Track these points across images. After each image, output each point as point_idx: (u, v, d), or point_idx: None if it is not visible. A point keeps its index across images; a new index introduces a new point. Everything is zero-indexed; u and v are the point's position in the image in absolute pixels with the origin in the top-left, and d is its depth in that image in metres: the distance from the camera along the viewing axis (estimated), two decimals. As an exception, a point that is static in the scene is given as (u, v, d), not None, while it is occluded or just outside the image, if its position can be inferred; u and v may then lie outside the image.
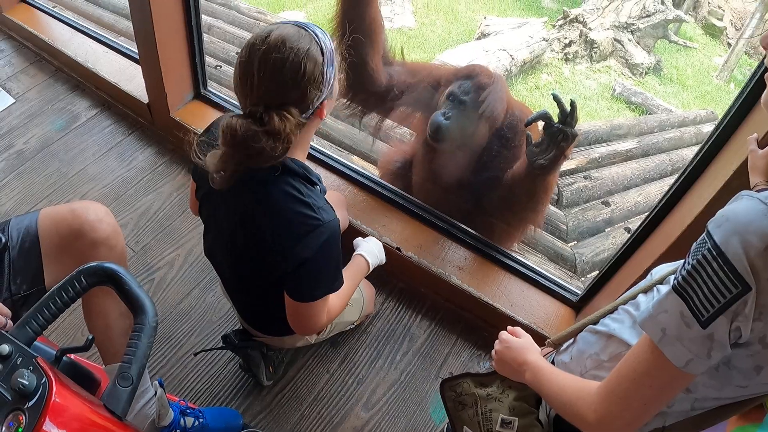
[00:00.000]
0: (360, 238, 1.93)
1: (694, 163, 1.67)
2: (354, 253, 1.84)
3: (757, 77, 1.42)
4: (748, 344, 0.88)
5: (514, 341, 1.30)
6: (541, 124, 1.91)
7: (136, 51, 3.01)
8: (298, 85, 1.32)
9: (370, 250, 1.86)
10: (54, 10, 3.61)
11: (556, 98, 1.86)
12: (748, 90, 1.47)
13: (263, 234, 1.44)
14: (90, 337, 1.08)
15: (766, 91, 0.97)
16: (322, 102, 1.39)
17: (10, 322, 1.48)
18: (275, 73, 1.30)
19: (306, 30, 1.35)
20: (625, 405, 0.97)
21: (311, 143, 1.88)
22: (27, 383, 0.94)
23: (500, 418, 1.30)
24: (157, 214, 2.58)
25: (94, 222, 1.64)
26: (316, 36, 1.35)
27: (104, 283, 1.08)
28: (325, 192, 1.55)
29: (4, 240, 1.58)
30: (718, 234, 0.84)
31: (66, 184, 2.72)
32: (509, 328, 1.36)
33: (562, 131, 1.86)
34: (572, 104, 1.84)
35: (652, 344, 0.92)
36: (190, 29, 2.57)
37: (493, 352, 1.34)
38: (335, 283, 1.53)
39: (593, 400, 1.01)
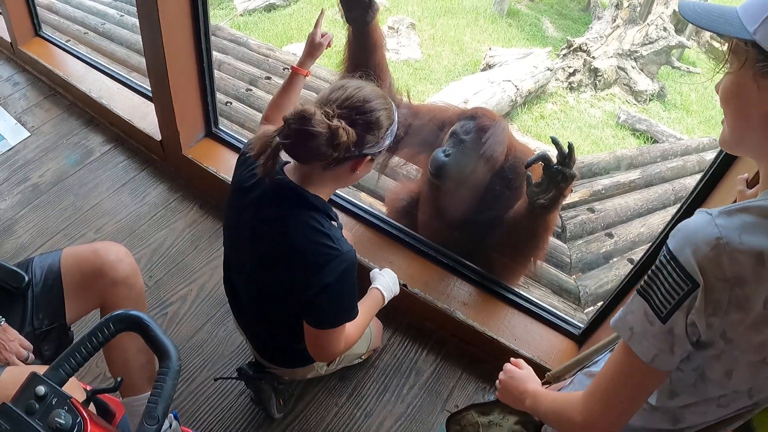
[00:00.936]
0: (377, 270, 1.99)
1: (696, 191, 1.73)
2: (370, 287, 1.91)
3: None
4: (711, 343, 0.98)
5: (517, 372, 1.42)
6: (541, 165, 1.97)
7: (150, 88, 3.11)
8: (367, 123, 1.47)
9: (386, 285, 1.93)
10: (68, 44, 3.72)
11: (554, 141, 1.94)
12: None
13: (285, 262, 1.54)
14: (119, 379, 1.16)
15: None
16: (363, 156, 1.51)
17: (32, 355, 1.56)
18: (361, 101, 1.47)
19: (388, 98, 1.55)
20: (606, 404, 1.08)
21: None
22: (63, 422, 1.01)
23: None
24: (170, 249, 2.65)
25: (115, 262, 1.75)
26: (394, 109, 1.56)
27: (131, 329, 1.16)
28: (341, 228, 1.65)
29: (27, 279, 1.67)
30: (672, 242, 0.96)
31: (80, 219, 2.80)
32: (512, 359, 1.48)
33: (560, 172, 1.93)
34: (569, 146, 1.92)
35: (624, 344, 1.04)
36: (202, 68, 2.66)
37: (497, 381, 1.45)
38: (352, 312, 1.62)
39: (579, 403, 1.13)
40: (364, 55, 2.15)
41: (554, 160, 1.95)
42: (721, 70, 1.01)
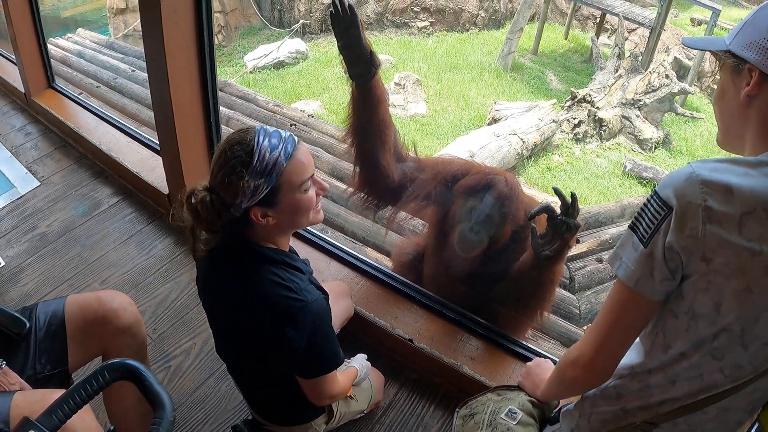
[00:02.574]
0: (359, 356, 2.05)
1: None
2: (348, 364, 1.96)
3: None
4: (692, 272, 1.11)
5: (546, 364, 1.65)
6: (545, 216, 1.98)
7: (158, 142, 3.15)
8: (223, 179, 1.44)
9: (361, 366, 1.99)
10: (80, 97, 3.80)
11: (557, 191, 1.95)
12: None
13: (255, 322, 1.54)
14: (112, 428, 1.14)
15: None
16: (249, 208, 1.46)
17: None
18: (215, 162, 1.48)
19: (254, 137, 1.46)
20: (599, 336, 1.23)
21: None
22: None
23: (509, 408, 1.51)
24: (174, 303, 2.64)
25: (119, 310, 1.76)
26: (258, 145, 1.44)
27: (126, 378, 1.16)
28: (311, 273, 1.64)
29: (28, 326, 1.68)
30: (658, 186, 1.13)
31: (87, 269, 2.80)
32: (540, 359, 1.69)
33: (565, 223, 1.94)
34: (573, 196, 1.94)
35: (617, 280, 1.19)
36: (209, 123, 2.70)
37: (525, 366, 1.67)
38: (338, 356, 1.63)
39: (576, 344, 1.29)
40: (368, 110, 2.17)
41: (558, 211, 1.96)
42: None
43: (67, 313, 1.73)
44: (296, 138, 1.53)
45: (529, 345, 2.36)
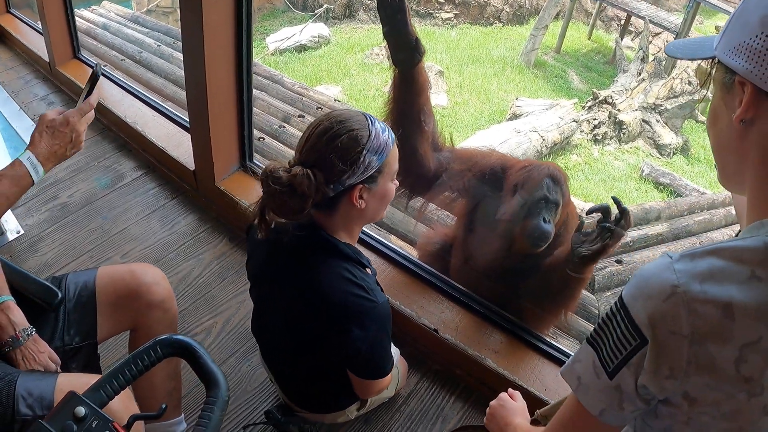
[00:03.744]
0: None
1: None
2: None
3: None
4: (673, 404, 0.86)
5: (510, 402, 1.43)
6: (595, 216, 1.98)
7: (185, 118, 3.13)
8: (329, 153, 1.40)
9: (396, 355, 1.98)
10: (105, 69, 3.76)
11: (616, 200, 1.94)
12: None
13: (321, 316, 1.50)
14: (164, 406, 1.12)
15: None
16: (354, 185, 1.44)
17: (59, 369, 1.54)
18: (318, 137, 1.42)
19: (365, 117, 1.46)
20: None
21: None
22: (105, 448, 0.97)
23: None
24: (196, 280, 2.62)
25: (152, 285, 1.74)
26: (372, 124, 1.45)
27: (179, 354, 1.13)
28: (375, 275, 1.62)
29: (60, 296, 1.66)
30: (626, 289, 0.86)
31: (108, 242, 2.79)
32: (510, 390, 1.48)
33: (611, 230, 1.93)
34: (626, 210, 1.93)
35: (573, 394, 0.96)
36: (242, 102, 2.68)
37: (488, 407, 1.45)
38: (392, 362, 1.64)
39: None
40: (409, 97, 2.14)
41: (612, 216, 1.95)
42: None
43: (99, 285, 1.71)
44: None
45: (552, 342, 2.34)
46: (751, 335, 0.77)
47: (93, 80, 1.60)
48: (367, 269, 1.56)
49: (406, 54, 2.06)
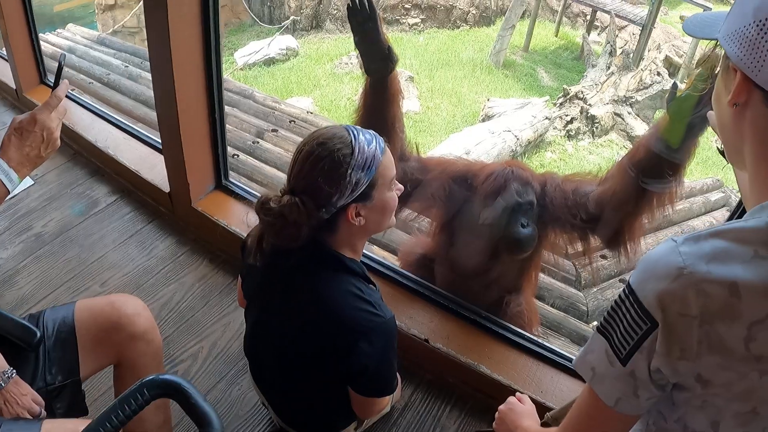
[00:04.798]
0: None
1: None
2: None
3: None
4: (687, 388, 0.87)
5: (518, 406, 1.43)
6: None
7: (157, 139, 3.07)
8: (314, 178, 1.39)
9: None
10: (73, 93, 3.70)
11: None
12: None
13: (327, 331, 1.47)
14: None
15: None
16: (347, 205, 1.42)
17: (44, 411, 1.48)
18: (303, 164, 1.41)
19: (348, 133, 1.43)
20: None
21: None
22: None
23: None
24: (179, 305, 2.56)
25: (133, 316, 1.68)
26: (355, 140, 1.41)
27: (167, 395, 1.08)
28: (379, 290, 1.59)
29: (39, 335, 1.58)
30: (634, 275, 0.87)
31: (85, 271, 2.71)
32: (518, 394, 1.49)
33: None
34: None
35: (588, 385, 0.96)
36: (214, 120, 2.63)
37: (497, 411, 1.46)
38: (396, 381, 1.62)
39: None
40: (381, 107, 2.11)
41: None
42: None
43: (78, 319, 1.64)
44: None
45: (546, 344, 2.31)
46: (758, 313, 0.78)
47: (58, 71, 1.53)
48: (372, 285, 1.54)
49: (378, 63, 2.02)
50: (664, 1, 12.14)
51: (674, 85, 1.73)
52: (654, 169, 1.85)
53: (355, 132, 1.44)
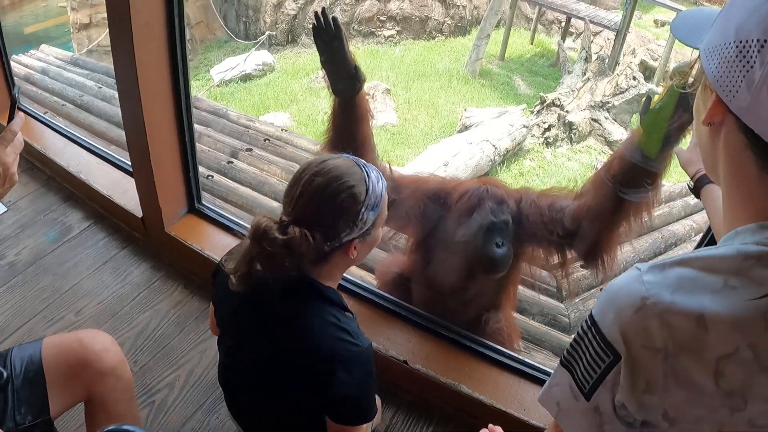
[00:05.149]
0: None
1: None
2: None
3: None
4: (654, 425, 0.81)
5: None
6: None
7: (129, 163, 3.02)
8: (330, 214, 1.38)
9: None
10: (45, 116, 3.65)
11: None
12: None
13: (305, 361, 1.44)
14: None
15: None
16: (352, 240, 1.43)
17: None
18: (315, 195, 1.38)
19: (360, 169, 1.43)
20: None
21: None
22: None
23: None
24: (155, 332, 2.51)
25: (101, 352, 1.65)
26: (368, 177, 1.43)
27: None
28: (356, 318, 1.57)
29: (6, 375, 1.56)
30: (596, 305, 0.83)
31: (60, 300, 2.66)
32: (490, 426, 1.44)
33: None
34: None
35: (554, 421, 0.93)
36: (184, 142, 2.59)
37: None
38: (375, 409, 1.56)
39: None
40: (350, 126, 2.08)
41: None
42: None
43: (45, 357, 1.60)
44: None
45: (527, 360, 2.30)
46: (726, 347, 0.73)
47: (12, 104, 1.49)
48: (348, 314, 1.52)
49: (345, 83, 2.00)
50: (638, 6, 12.27)
51: (648, 98, 1.70)
52: (631, 179, 1.83)
53: (367, 169, 1.45)
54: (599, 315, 0.82)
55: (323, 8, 1.96)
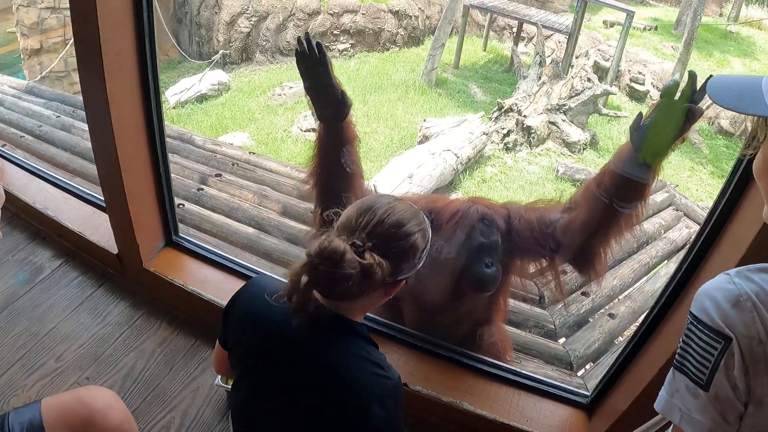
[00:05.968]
0: None
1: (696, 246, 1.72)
2: None
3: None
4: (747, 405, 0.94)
5: None
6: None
7: (98, 196, 2.93)
8: (403, 250, 1.43)
9: None
10: (4, 150, 3.53)
11: (691, 75, 1.60)
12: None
13: (340, 398, 1.42)
14: None
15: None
16: (401, 279, 1.46)
17: None
18: (393, 227, 1.41)
19: (422, 214, 1.51)
20: None
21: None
22: None
23: None
24: (142, 374, 2.43)
25: (105, 410, 1.59)
26: (425, 221, 1.49)
27: None
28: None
29: None
30: (695, 307, 0.97)
31: (38, 346, 2.54)
32: None
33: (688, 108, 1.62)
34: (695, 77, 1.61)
35: (676, 428, 1.01)
36: (159, 174, 2.52)
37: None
38: None
39: None
40: (336, 152, 2.06)
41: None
42: (752, 147, 1.00)
43: (46, 420, 1.53)
44: None
45: (524, 371, 2.30)
46: None
47: None
48: (374, 346, 1.52)
49: (331, 109, 1.97)
50: (587, 8, 12.52)
51: (639, 115, 1.75)
52: (622, 191, 1.85)
53: (425, 215, 1.53)
54: (701, 312, 0.95)
55: (306, 33, 1.93)
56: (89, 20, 2.01)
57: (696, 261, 1.72)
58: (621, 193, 1.85)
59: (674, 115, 1.64)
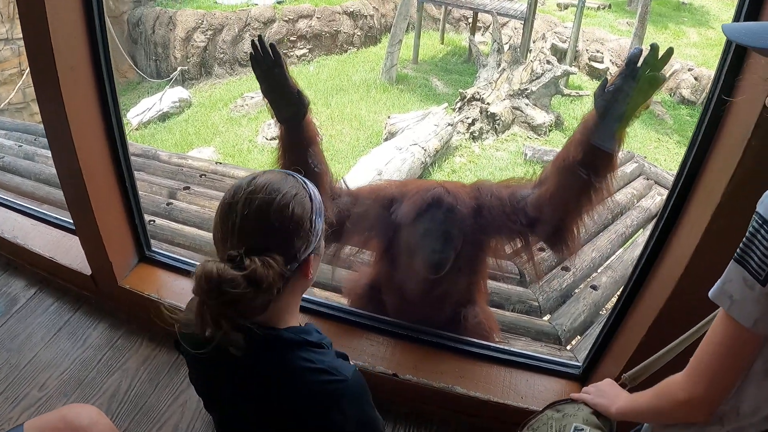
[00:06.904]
0: None
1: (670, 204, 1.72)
2: None
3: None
4: None
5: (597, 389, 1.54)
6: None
7: (67, 220, 2.88)
8: (283, 230, 1.25)
9: None
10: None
11: (653, 46, 1.64)
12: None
13: (295, 419, 1.32)
14: None
15: None
16: (309, 256, 1.31)
17: None
18: (260, 215, 1.24)
19: (293, 177, 1.32)
20: (709, 377, 1.11)
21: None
22: None
23: (573, 425, 1.44)
24: (128, 394, 2.38)
25: (89, 427, 1.56)
26: (305, 184, 1.32)
27: None
28: (331, 344, 1.43)
29: None
30: (762, 208, 1.00)
31: (20, 377, 2.48)
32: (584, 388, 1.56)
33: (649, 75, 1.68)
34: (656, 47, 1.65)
35: (723, 315, 1.07)
36: (125, 191, 2.48)
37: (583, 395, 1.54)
38: (379, 421, 1.47)
39: (681, 381, 1.16)
40: (299, 152, 2.05)
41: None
42: None
43: None
44: None
45: (512, 348, 2.31)
46: None
47: None
48: (321, 348, 1.37)
49: (290, 109, 1.96)
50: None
51: (604, 80, 1.77)
52: (590, 160, 1.86)
53: (300, 177, 1.34)
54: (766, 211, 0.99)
55: (260, 36, 1.92)
56: (40, 30, 1.96)
57: (672, 216, 1.72)
58: (588, 160, 1.85)
59: (638, 82, 1.69)
